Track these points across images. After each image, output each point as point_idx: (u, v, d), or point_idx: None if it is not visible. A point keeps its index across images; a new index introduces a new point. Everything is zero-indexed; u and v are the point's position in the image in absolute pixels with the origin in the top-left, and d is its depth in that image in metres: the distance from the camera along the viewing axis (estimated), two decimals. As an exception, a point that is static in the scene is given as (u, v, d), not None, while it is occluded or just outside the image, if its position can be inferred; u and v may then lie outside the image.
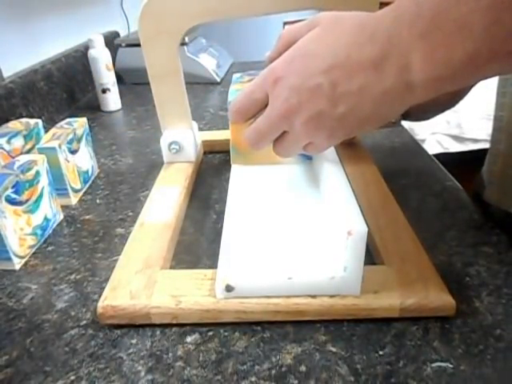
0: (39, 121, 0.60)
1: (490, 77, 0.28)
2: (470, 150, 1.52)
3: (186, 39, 0.99)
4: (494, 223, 0.46)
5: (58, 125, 0.56)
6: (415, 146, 0.67)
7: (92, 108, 0.90)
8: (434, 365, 0.32)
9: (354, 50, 0.29)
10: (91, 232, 0.49)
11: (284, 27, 1.11)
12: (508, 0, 0.24)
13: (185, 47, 0.99)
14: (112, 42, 1.06)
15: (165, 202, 0.49)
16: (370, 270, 0.36)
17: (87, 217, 0.52)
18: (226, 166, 0.56)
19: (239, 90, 0.46)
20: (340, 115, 0.30)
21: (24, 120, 0.59)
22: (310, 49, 0.31)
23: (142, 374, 0.32)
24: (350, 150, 0.58)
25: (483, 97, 0.97)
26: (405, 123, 0.62)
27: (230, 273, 0.35)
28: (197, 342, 0.34)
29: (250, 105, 0.35)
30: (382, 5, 0.34)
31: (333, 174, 0.39)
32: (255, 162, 0.48)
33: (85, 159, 0.58)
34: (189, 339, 0.35)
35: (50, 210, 0.48)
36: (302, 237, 0.38)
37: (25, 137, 0.56)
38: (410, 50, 0.27)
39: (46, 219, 0.48)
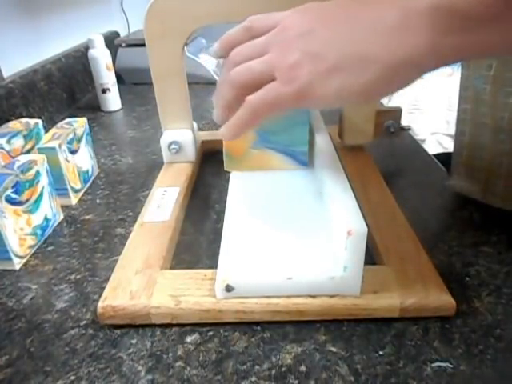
0: (39, 121, 0.60)
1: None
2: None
3: (186, 39, 0.99)
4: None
5: (58, 125, 0.56)
6: (415, 146, 0.67)
7: (92, 108, 0.90)
8: (433, 365, 0.32)
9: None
10: (91, 232, 0.49)
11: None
12: None
13: (185, 47, 0.99)
14: (112, 42, 1.06)
15: (165, 202, 0.49)
16: (370, 270, 0.36)
17: (87, 217, 0.52)
18: (226, 166, 0.56)
19: None
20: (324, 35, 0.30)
21: (24, 120, 0.59)
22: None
23: (142, 373, 0.32)
24: (350, 150, 0.58)
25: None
26: (405, 122, 0.62)
27: (230, 273, 0.35)
28: (197, 341, 0.34)
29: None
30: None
31: (333, 174, 0.39)
32: (248, 168, 0.48)
33: (85, 159, 0.58)
34: (189, 339, 0.35)
35: (49, 210, 0.48)
36: (301, 237, 0.38)
37: (25, 137, 0.56)
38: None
39: (46, 219, 0.48)
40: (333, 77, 0.29)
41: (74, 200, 0.54)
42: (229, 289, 0.35)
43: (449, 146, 1.83)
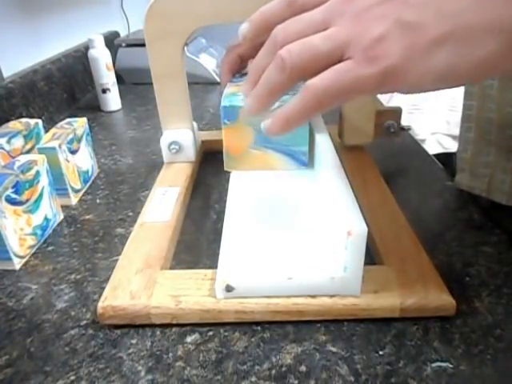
0: (39, 121, 0.60)
1: None
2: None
3: (186, 39, 1.00)
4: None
5: (58, 125, 0.56)
6: (415, 146, 0.67)
7: (92, 108, 0.90)
8: (434, 365, 0.32)
9: None
10: (91, 232, 0.49)
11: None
12: None
13: (185, 47, 0.99)
14: (112, 42, 1.06)
15: (165, 202, 0.49)
16: (370, 270, 0.36)
17: (87, 217, 0.52)
18: (226, 166, 0.56)
19: (234, 95, 0.46)
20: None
21: (24, 120, 0.59)
22: None
23: (142, 373, 0.32)
24: (350, 150, 0.58)
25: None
26: (405, 122, 0.62)
27: (230, 273, 0.35)
28: (197, 341, 0.34)
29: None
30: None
31: (333, 174, 0.39)
32: (248, 168, 0.47)
33: (85, 159, 0.58)
34: (189, 339, 0.35)
35: (50, 209, 0.48)
36: (301, 237, 0.38)
37: (25, 137, 0.56)
38: None
39: (46, 219, 0.48)
40: (436, 53, 0.23)
41: (74, 200, 0.54)
42: (229, 289, 0.35)
43: (449, 145, 1.83)
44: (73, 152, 0.54)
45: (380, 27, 0.24)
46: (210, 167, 0.61)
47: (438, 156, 0.64)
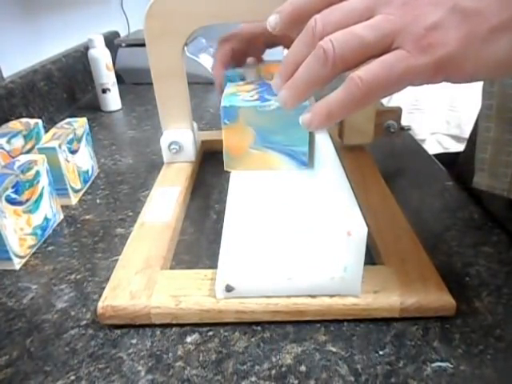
0: (39, 121, 0.60)
1: None
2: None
3: (186, 39, 1.00)
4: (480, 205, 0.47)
5: (58, 125, 0.56)
6: (415, 146, 0.67)
7: (92, 108, 0.90)
8: (433, 365, 0.32)
9: None
10: (91, 232, 0.49)
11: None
12: None
13: (185, 47, 0.99)
14: (112, 42, 1.06)
15: (165, 202, 0.49)
16: (370, 270, 0.36)
17: (87, 217, 0.52)
18: (226, 166, 0.56)
19: (234, 95, 0.46)
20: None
21: (24, 120, 0.59)
22: None
23: (142, 374, 0.32)
24: (350, 150, 0.58)
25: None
26: (405, 122, 0.62)
27: (230, 273, 0.35)
28: (197, 342, 0.34)
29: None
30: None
31: (333, 174, 0.39)
32: (248, 168, 0.47)
33: (85, 159, 0.58)
34: (189, 339, 0.35)
35: (50, 209, 0.48)
36: (301, 237, 0.38)
37: (25, 137, 0.56)
38: None
39: (46, 219, 0.48)
40: (495, 41, 0.23)
41: (74, 200, 0.54)
42: (229, 289, 0.35)
43: (449, 145, 1.84)
44: (73, 152, 0.54)
45: (434, 14, 0.23)
46: (210, 167, 0.61)
47: (438, 156, 0.64)
